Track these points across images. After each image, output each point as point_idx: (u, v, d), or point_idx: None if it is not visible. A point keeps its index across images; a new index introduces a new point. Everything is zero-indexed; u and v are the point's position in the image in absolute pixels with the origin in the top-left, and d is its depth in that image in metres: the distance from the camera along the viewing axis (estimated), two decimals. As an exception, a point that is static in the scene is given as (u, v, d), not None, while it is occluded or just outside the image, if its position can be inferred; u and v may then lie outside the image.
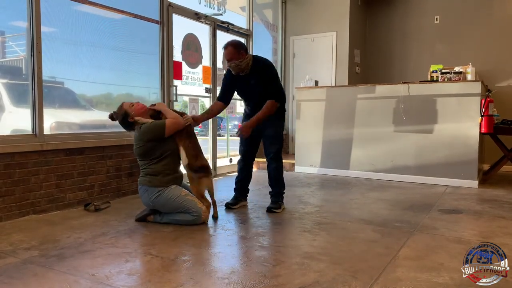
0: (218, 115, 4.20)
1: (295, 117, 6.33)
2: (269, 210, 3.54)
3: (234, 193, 3.77)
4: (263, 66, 3.44)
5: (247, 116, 3.64)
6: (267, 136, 3.57)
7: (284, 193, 3.68)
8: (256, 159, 3.89)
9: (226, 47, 3.37)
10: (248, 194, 3.84)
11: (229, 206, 3.66)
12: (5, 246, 2.60)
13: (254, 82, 3.43)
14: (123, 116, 3.19)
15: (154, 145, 3.08)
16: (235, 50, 3.32)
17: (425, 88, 4.99)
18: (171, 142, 3.14)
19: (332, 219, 3.32)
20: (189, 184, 3.28)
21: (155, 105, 3.32)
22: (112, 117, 3.27)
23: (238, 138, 3.69)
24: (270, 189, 3.67)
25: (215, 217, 3.32)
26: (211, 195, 3.33)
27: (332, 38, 6.74)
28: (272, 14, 7.10)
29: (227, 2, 5.91)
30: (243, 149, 3.71)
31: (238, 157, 3.81)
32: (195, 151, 3.22)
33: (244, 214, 3.53)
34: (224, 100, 3.60)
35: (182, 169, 3.28)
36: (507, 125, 4.98)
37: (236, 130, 3.74)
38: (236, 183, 3.77)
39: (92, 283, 2.04)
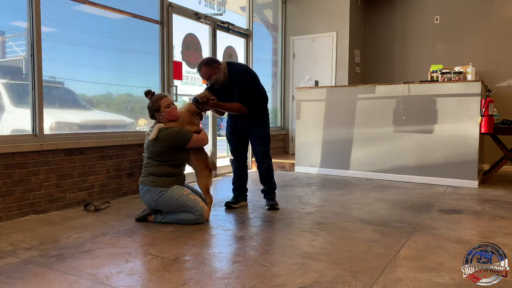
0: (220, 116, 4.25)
1: (295, 117, 6.33)
2: (272, 207, 3.63)
3: (233, 194, 3.81)
4: (239, 73, 3.50)
5: (231, 117, 3.75)
6: (253, 137, 3.68)
7: (276, 188, 3.80)
8: (252, 159, 3.94)
9: (200, 68, 3.45)
10: (247, 194, 3.87)
11: (229, 205, 3.69)
12: (5, 246, 2.60)
13: (231, 89, 3.49)
14: (153, 110, 3.20)
15: (171, 150, 3.12)
16: (209, 68, 3.40)
17: (425, 88, 4.99)
18: (185, 152, 3.22)
19: (332, 219, 3.32)
20: (196, 181, 3.37)
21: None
22: (147, 94, 3.26)
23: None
24: (263, 187, 3.76)
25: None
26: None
27: (332, 38, 6.74)
28: (272, 14, 7.11)
29: (227, 2, 5.91)
30: (232, 148, 3.82)
31: (231, 158, 3.93)
32: (204, 151, 3.41)
33: (244, 214, 3.53)
34: None
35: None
36: (507, 125, 4.98)
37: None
38: (233, 183, 3.82)
39: (92, 283, 2.04)
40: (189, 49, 5.21)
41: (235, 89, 3.47)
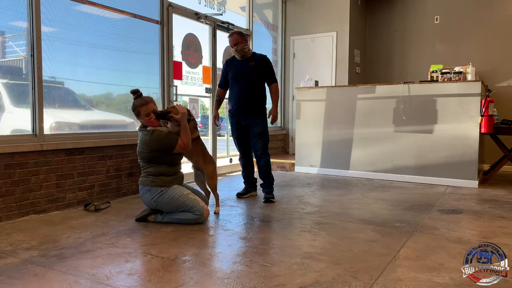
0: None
1: (295, 117, 6.33)
2: (268, 200, 3.91)
3: (244, 185, 4.21)
4: (265, 57, 4.03)
5: (234, 117, 4.05)
6: (254, 134, 3.98)
7: (273, 182, 4.10)
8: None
9: (232, 34, 3.96)
10: (256, 185, 4.25)
11: (239, 196, 4.11)
12: (5, 246, 2.60)
13: (254, 64, 3.94)
14: (135, 113, 3.21)
15: (159, 154, 3.11)
16: (240, 36, 3.93)
17: (425, 88, 4.99)
18: (177, 154, 3.23)
19: (332, 219, 3.32)
20: (195, 182, 3.53)
21: (174, 107, 3.24)
22: (133, 93, 3.18)
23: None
24: (262, 182, 4.07)
25: (216, 213, 3.48)
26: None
27: (332, 38, 6.74)
28: (272, 14, 7.11)
29: (227, 2, 5.91)
30: (240, 147, 4.16)
31: (238, 156, 4.28)
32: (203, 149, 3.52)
33: (244, 214, 3.53)
34: (225, 86, 4.13)
35: (183, 169, 3.38)
36: (507, 125, 4.98)
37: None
38: (243, 176, 4.22)
39: (92, 283, 2.04)
40: (189, 49, 5.21)
41: (259, 67, 3.93)
